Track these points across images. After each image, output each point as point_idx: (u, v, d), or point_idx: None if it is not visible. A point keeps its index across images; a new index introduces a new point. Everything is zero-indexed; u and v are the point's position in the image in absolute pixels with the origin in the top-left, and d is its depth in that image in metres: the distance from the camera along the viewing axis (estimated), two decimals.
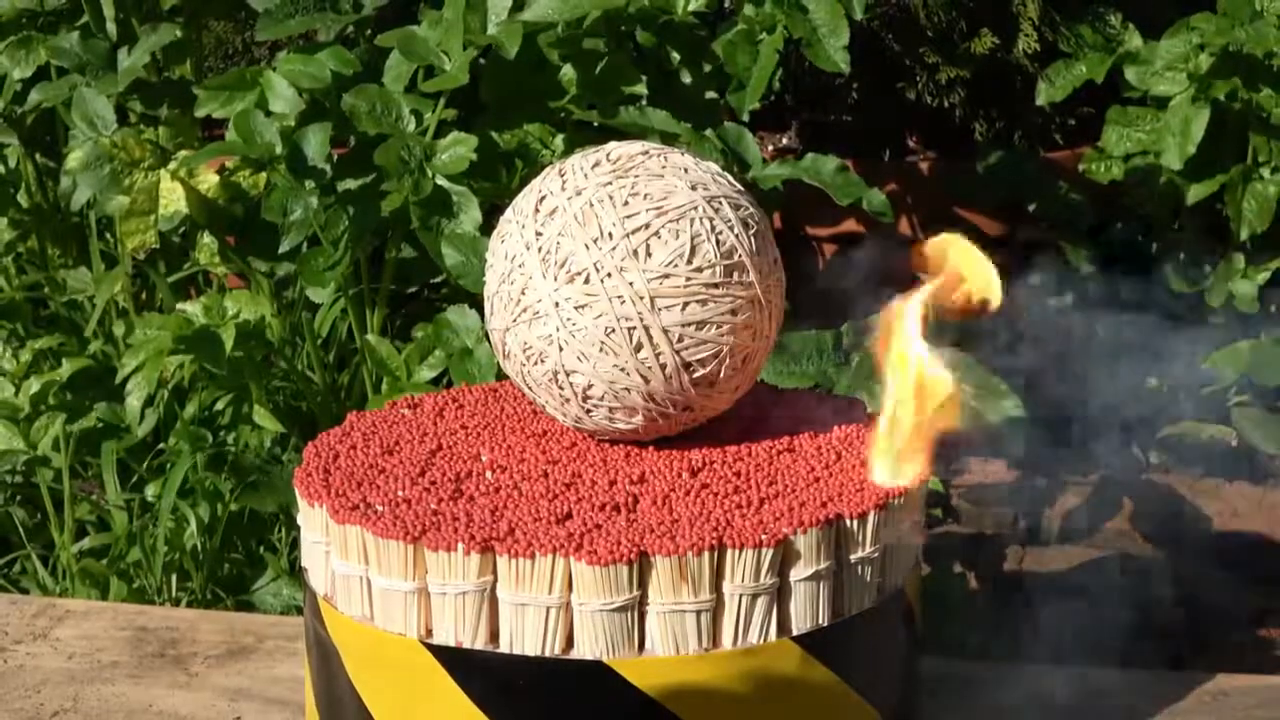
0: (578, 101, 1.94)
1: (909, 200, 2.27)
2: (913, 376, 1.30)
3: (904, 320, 1.32)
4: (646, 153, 1.34)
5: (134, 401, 1.99)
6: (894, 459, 1.30)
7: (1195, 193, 1.82)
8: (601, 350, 1.29)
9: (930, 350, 1.30)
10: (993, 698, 1.51)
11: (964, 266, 1.33)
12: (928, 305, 1.32)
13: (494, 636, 1.21)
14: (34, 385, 2.05)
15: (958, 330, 1.38)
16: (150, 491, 1.97)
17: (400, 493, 1.27)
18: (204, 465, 1.94)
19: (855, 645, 1.26)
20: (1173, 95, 1.81)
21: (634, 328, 1.28)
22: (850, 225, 2.33)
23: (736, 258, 1.30)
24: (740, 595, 1.21)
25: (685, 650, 1.21)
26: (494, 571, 1.20)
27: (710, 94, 2.02)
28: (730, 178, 1.35)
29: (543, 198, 1.32)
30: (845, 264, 2.12)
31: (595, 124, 1.94)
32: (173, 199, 2.03)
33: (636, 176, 1.31)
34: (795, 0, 1.91)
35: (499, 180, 1.91)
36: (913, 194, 2.27)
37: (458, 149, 1.89)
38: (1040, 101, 1.89)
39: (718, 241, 1.30)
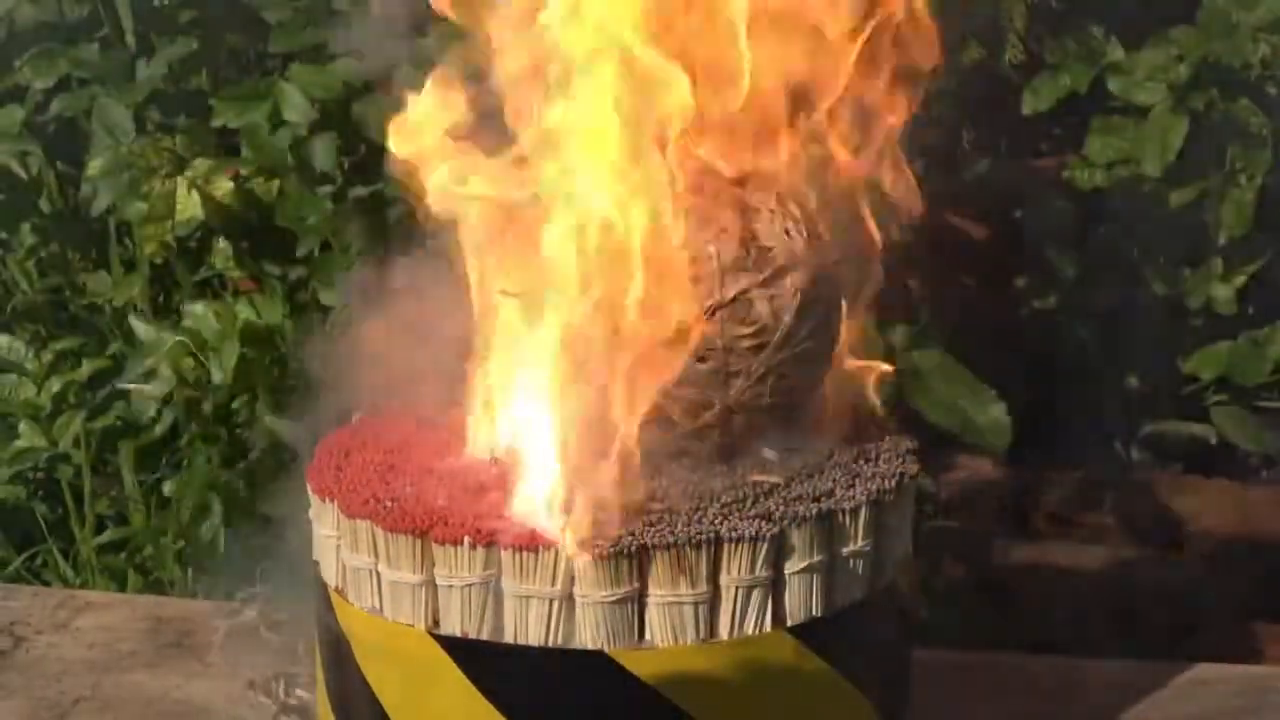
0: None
1: None
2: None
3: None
4: None
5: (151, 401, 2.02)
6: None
7: (1176, 199, 1.86)
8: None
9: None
10: (979, 686, 1.54)
11: None
12: None
13: (499, 627, 1.24)
14: (55, 385, 2.08)
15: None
16: (168, 488, 2.01)
17: (408, 488, 1.30)
18: (219, 462, 1.97)
19: (848, 636, 1.28)
20: (1153, 105, 1.84)
21: None
22: None
23: None
24: (736, 587, 1.23)
25: (683, 640, 1.23)
26: (499, 564, 1.23)
27: None
28: None
29: None
30: None
31: None
32: (189, 205, 2.06)
33: None
34: None
35: None
36: None
37: None
38: (1026, 111, 1.91)
39: None
